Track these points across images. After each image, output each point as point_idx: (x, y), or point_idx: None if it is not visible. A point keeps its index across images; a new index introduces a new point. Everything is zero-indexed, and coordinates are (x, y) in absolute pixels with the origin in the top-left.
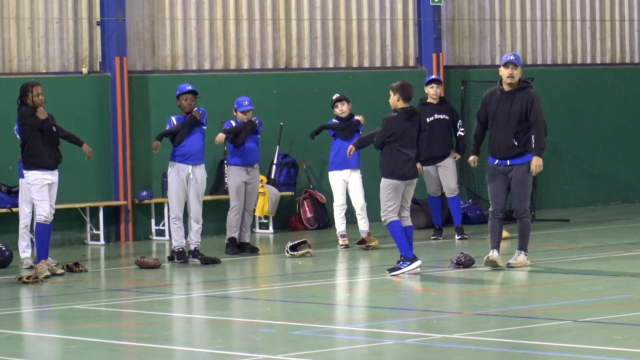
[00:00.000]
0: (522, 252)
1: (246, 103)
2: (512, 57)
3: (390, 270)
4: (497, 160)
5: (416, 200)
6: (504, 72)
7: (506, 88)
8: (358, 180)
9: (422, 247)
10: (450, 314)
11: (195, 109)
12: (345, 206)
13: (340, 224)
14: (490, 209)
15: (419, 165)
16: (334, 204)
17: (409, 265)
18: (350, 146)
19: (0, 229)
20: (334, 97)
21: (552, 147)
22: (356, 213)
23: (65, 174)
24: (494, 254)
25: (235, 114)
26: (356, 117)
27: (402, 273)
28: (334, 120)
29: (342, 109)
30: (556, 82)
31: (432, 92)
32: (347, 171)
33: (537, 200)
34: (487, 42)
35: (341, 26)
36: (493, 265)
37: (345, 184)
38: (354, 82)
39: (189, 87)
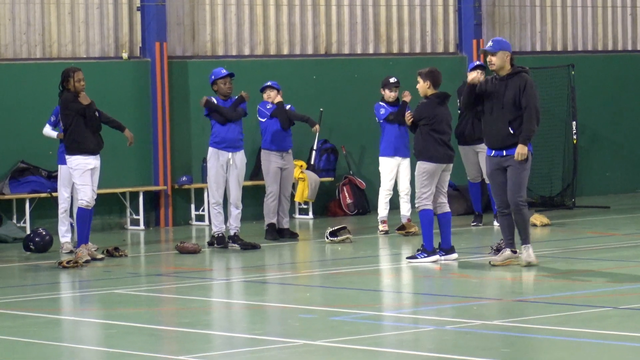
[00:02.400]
0: (529, 246)
1: (269, 83)
2: (488, 45)
3: (409, 257)
4: (493, 152)
5: (456, 187)
6: None
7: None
8: (408, 166)
9: (462, 234)
10: (490, 300)
11: (244, 93)
12: (392, 193)
13: (383, 209)
14: (495, 206)
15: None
16: (381, 188)
17: (426, 257)
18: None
19: (41, 213)
20: (392, 80)
21: (591, 134)
22: (400, 197)
23: (106, 159)
24: (505, 254)
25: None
26: (403, 98)
27: (418, 263)
28: (382, 104)
29: (392, 95)
30: (596, 68)
31: None
32: (398, 158)
33: (577, 188)
34: (528, 28)
35: (381, 12)
36: (527, 265)
37: (396, 170)
38: (393, 68)
39: (225, 71)
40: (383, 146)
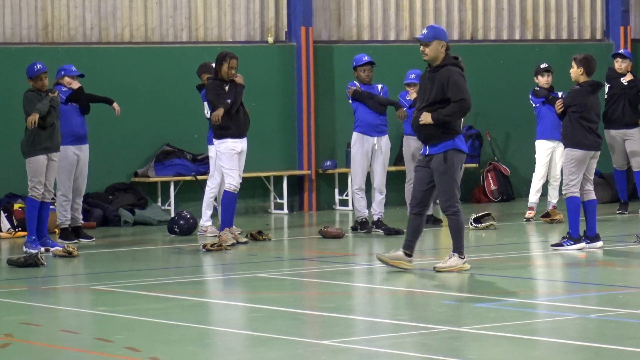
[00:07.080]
0: (455, 255)
1: (413, 75)
2: (422, 32)
3: (554, 245)
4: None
5: (602, 174)
6: None
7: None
8: (561, 152)
9: (607, 222)
10: (636, 289)
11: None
12: (545, 179)
13: (533, 195)
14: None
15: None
16: (534, 173)
17: (572, 245)
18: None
19: (185, 196)
20: (542, 66)
21: None
22: (549, 183)
23: (251, 144)
24: (395, 254)
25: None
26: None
27: (563, 250)
28: (537, 89)
29: (547, 80)
30: None
31: (616, 66)
32: (555, 141)
33: None
34: None
35: None
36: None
37: (550, 155)
38: (539, 55)
39: (366, 58)
40: (539, 130)
